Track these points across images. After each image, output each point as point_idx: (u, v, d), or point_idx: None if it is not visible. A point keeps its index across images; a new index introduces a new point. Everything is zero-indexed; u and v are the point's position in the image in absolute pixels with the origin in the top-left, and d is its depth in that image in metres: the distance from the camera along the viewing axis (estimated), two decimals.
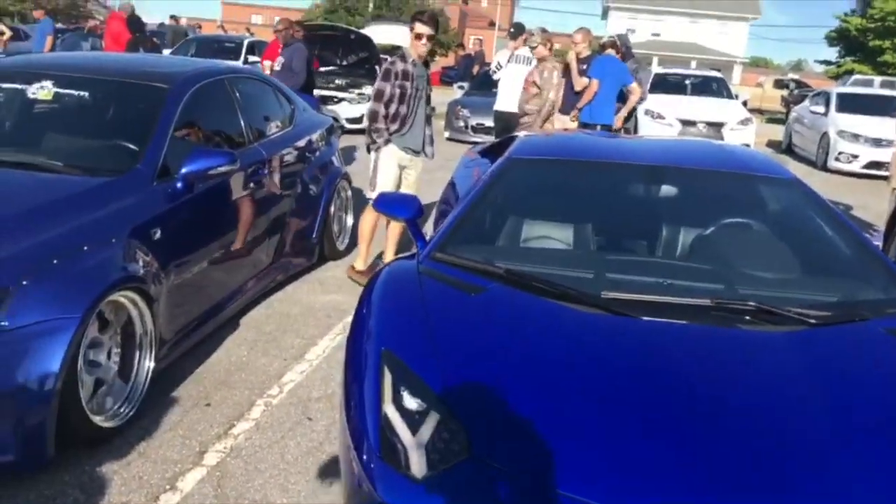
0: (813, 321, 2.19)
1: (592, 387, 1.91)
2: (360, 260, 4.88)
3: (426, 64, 4.87)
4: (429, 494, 1.71)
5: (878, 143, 10.87)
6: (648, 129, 11.18)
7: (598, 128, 7.49)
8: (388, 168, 4.70)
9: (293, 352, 3.76)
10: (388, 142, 4.64)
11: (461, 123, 12.18)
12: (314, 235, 4.92)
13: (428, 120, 4.88)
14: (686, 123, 11.20)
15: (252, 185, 4.06)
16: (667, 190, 3.15)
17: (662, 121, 11.39)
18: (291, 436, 2.92)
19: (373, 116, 4.65)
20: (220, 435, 2.90)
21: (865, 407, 1.89)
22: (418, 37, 4.64)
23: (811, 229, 2.93)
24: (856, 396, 1.93)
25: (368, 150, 4.82)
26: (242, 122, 4.23)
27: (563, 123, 7.56)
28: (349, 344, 2.22)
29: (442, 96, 16.14)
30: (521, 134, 4.27)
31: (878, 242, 5.97)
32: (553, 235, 2.90)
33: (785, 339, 2.12)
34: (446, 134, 12.48)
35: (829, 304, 2.34)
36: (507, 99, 7.72)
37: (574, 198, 3.11)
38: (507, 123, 7.43)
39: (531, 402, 1.86)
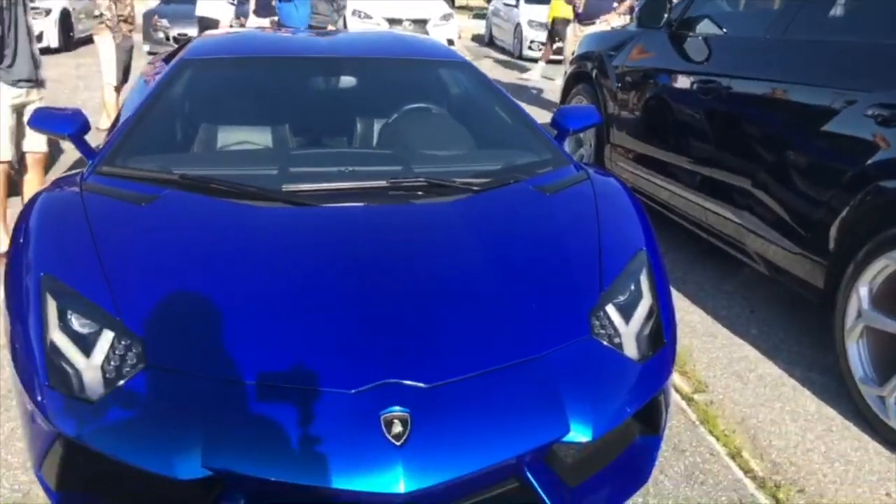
0: (476, 188, 2.40)
1: (270, 279, 1.93)
2: (2, 236, 3.75)
3: None
4: (107, 412, 1.64)
5: None
6: (357, 29, 11.18)
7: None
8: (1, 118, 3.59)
9: None
10: None
11: (161, 35, 11.20)
12: None
13: (30, 33, 3.71)
14: (392, 22, 11.37)
15: None
16: (347, 80, 3.20)
17: (370, 20, 11.44)
18: None
19: None
20: None
21: (513, 253, 2.14)
22: None
23: (481, 108, 3.18)
24: (506, 245, 2.18)
25: None
26: None
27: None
28: (7, 277, 2.00)
29: (138, 5, 14.59)
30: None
31: None
32: (235, 136, 2.82)
33: (452, 206, 2.31)
34: (146, 47, 11.38)
35: (491, 172, 2.58)
36: (206, 4, 7.23)
37: (254, 96, 3.03)
38: (209, 29, 7.00)
39: (208, 303, 1.84)
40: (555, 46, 10.65)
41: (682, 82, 3.89)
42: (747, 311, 3.53)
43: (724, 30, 3.80)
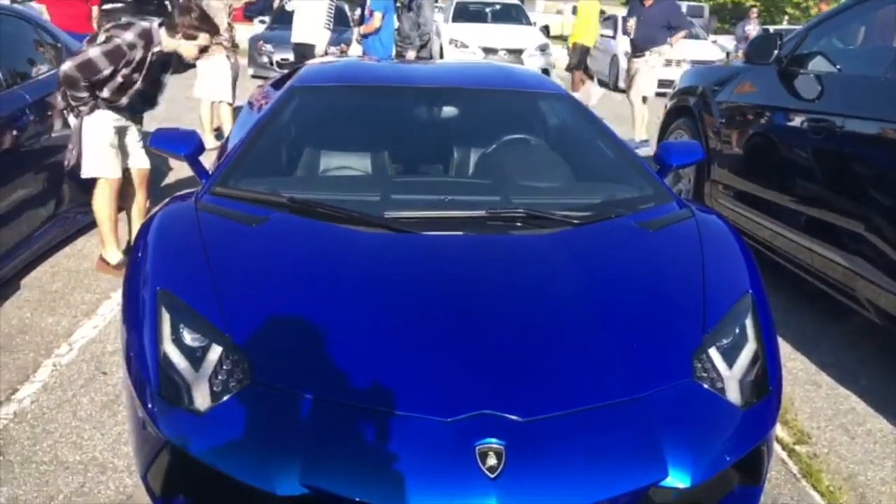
0: (576, 221, 2.38)
1: (372, 304, 1.96)
2: (108, 250, 3.90)
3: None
4: (213, 425, 1.70)
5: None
6: (453, 58, 11.37)
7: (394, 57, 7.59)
8: (100, 134, 3.71)
9: (84, 308, 3.54)
10: (95, 108, 3.67)
11: (265, 59, 11.74)
12: None
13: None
14: (488, 51, 11.50)
15: (16, 131, 3.69)
16: (448, 110, 3.25)
17: (466, 49, 11.61)
18: (84, 392, 2.78)
19: (72, 83, 3.55)
20: (0, 402, 2.69)
21: (614, 290, 2.11)
22: (189, 36, 3.70)
23: (580, 140, 3.16)
24: (607, 281, 2.15)
25: (67, 112, 3.74)
26: None
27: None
28: (125, 290, 2.12)
29: (244, 32, 15.27)
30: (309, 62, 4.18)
31: (648, 149, 6.63)
32: (340, 162, 2.91)
33: (551, 239, 2.30)
34: (251, 71, 11.95)
35: (591, 206, 2.55)
36: (302, 31, 7.52)
37: (359, 123, 3.12)
38: (305, 55, 7.26)
39: (312, 324, 1.89)
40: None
41: (792, 120, 3.76)
42: (855, 361, 3.34)
43: (839, 67, 3.66)
